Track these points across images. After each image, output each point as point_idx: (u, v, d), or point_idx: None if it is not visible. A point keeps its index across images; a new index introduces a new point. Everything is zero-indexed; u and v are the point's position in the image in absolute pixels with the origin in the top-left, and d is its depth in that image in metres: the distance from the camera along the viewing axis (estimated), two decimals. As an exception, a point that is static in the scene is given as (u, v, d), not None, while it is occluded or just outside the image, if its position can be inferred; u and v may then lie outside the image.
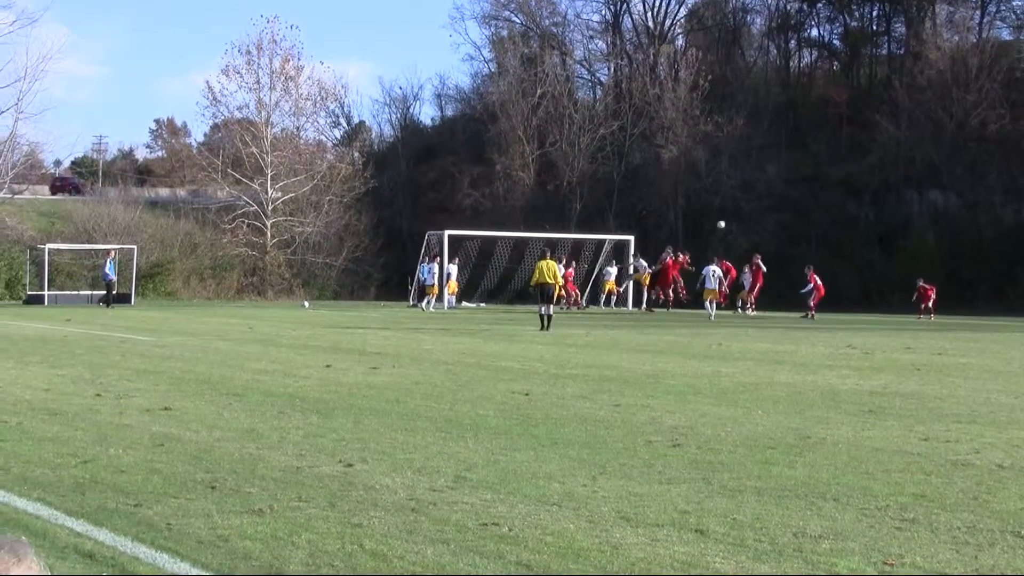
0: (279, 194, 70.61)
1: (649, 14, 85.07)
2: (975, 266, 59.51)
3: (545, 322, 33.86)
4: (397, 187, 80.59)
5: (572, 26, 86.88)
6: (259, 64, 71.62)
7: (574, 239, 61.04)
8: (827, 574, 6.73)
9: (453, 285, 54.49)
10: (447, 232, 55.79)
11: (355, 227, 72.66)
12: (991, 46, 68.84)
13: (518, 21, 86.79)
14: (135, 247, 59.54)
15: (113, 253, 55.14)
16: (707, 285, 45.97)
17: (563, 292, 45.73)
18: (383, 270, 72.71)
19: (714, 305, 44.84)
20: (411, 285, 57.73)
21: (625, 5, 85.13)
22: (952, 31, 71.51)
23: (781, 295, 53.09)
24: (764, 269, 49.68)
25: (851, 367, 21.49)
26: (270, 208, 69.86)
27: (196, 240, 69.68)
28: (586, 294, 58.92)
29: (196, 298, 64.34)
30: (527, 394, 15.85)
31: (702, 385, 17.58)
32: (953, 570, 6.83)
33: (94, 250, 62.60)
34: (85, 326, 34.17)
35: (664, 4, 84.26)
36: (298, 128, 76.39)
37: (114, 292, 52.86)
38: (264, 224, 69.71)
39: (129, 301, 55.99)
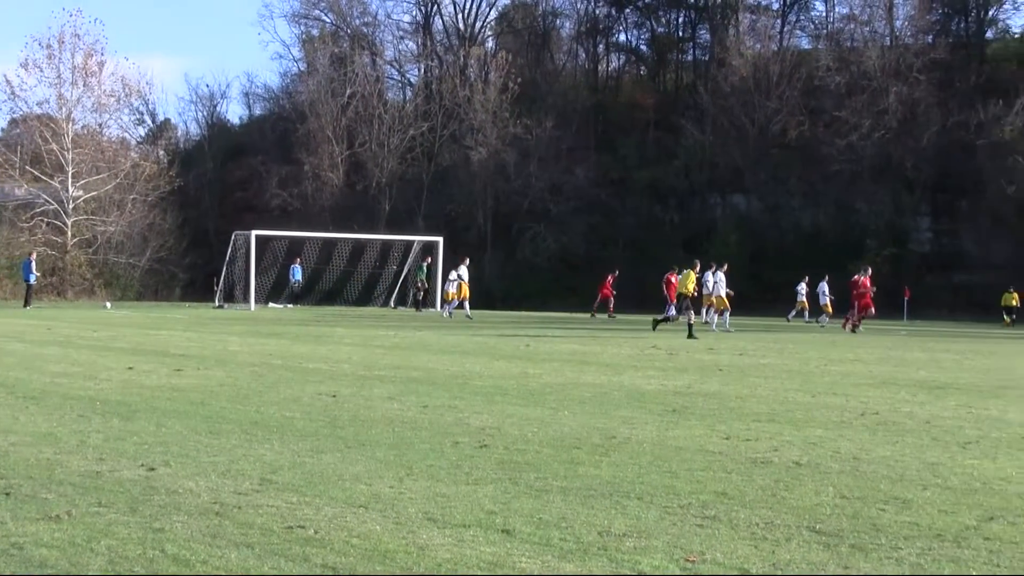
0: (80, 192, 69.01)
1: (459, 16, 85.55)
2: (776, 268, 61.03)
3: (688, 330, 33.50)
4: (203, 186, 79.59)
5: (383, 26, 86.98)
6: (60, 58, 70.00)
7: (383, 240, 60.98)
8: (630, 573, 6.81)
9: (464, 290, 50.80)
10: (254, 232, 55.18)
11: (160, 226, 71.58)
12: (791, 54, 70.90)
13: (328, 20, 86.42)
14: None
15: (35, 254, 53.52)
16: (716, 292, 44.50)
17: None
18: (189, 270, 71.76)
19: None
20: (217, 286, 56.94)
21: (436, 6, 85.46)
22: (755, 39, 73.45)
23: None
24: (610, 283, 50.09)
25: (656, 368, 21.82)
26: (71, 207, 68.23)
27: (-10, 239, 67.64)
28: (394, 296, 58.86)
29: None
30: (334, 396, 15.74)
31: (509, 386, 17.66)
32: (751, 565, 6.97)
33: None
34: None
35: (474, 6, 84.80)
36: (101, 125, 74.87)
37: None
38: (64, 223, 68.05)
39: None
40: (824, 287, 47.58)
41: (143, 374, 18.85)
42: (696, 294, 36.63)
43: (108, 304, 56.82)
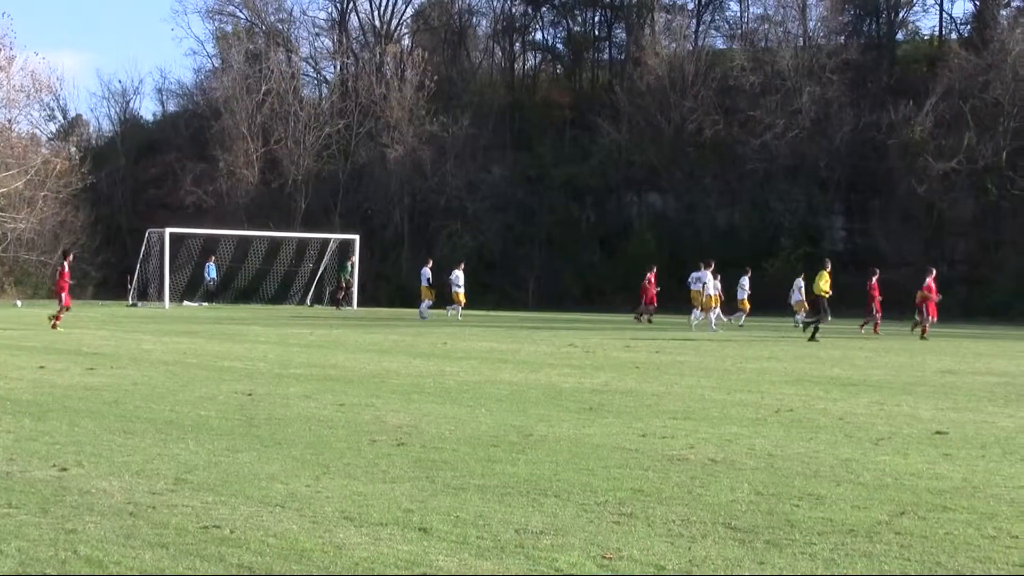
0: (-11, 189, 67.91)
1: (376, 13, 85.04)
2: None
3: (811, 332, 33.39)
4: (116, 183, 78.59)
5: (298, 23, 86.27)
6: (-33, 53, 68.73)
7: (299, 238, 60.70)
8: (547, 571, 6.83)
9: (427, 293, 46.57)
10: (168, 230, 54.65)
11: (72, 224, 70.56)
12: (706, 54, 71.36)
13: (243, 16, 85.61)
14: None
15: None
16: (707, 292, 43.36)
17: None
18: (102, 268, 70.83)
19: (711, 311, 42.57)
20: (131, 284, 56.35)
21: (352, 3, 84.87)
22: (670, 38, 73.71)
23: (506, 295, 53.68)
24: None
25: (572, 365, 21.90)
26: (-22, 204, 67.18)
27: None
28: (310, 294, 58.62)
29: None
30: (250, 394, 15.64)
31: (426, 384, 17.65)
32: (668, 562, 7.02)
33: None
34: None
35: (390, 3, 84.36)
36: (10, 121, 73.56)
37: None
38: (-28, 220, 66.99)
39: None
40: (744, 282, 47.53)
41: (55, 373, 18.62)
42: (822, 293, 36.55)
43: (19, 302, 56.04)
